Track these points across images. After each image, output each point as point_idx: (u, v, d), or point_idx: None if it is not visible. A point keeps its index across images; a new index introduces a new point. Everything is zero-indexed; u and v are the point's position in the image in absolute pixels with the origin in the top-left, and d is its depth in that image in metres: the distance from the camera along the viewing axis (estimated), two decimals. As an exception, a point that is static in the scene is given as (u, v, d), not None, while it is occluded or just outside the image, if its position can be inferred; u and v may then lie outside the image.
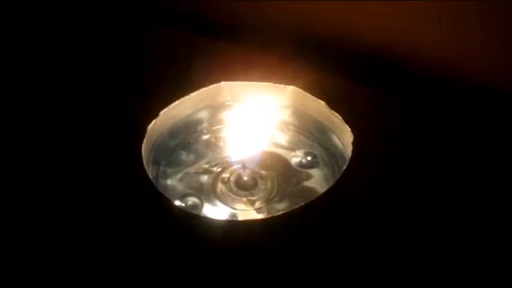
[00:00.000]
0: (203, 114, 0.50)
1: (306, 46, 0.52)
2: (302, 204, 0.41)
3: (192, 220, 0.40)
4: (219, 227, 0.40)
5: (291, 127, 0.50)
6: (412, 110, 0.47)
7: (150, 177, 0.43)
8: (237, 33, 0.55)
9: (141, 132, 0.44)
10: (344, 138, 0.46)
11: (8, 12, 0.58)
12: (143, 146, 0.44)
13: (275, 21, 0.55)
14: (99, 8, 0.59)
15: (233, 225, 0.43)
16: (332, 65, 0.50)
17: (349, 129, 0.45)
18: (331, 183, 0.44)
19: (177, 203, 0.45)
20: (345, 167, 0.43)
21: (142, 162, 0.43)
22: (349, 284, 0.37)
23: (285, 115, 0.50)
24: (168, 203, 0.41)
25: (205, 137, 0.51)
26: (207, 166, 0.49)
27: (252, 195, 0.46)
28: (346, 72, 0.49)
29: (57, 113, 0.47)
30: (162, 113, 0.46)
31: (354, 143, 0.44)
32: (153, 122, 0.45)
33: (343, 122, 0.45)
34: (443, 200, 0.41)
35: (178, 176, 0.48)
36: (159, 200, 0.40)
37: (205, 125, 0.51)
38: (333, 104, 0.46)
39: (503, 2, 0.46)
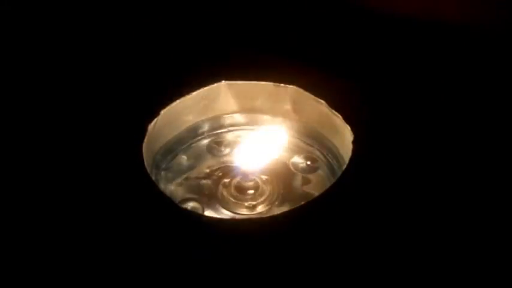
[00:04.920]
0: (204, 118, 0.50)
1: (307, 45, 0.52)
2: (303, 203, 0.40)
3: (193, 219, 0.40)
4: (221, 226, 0.40)
5: (292, 129, 0.50)
6: (412, 109, 0.47)
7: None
8: (237, 33, 0.55)
9: (142, 131, 0.44)
10: (344, 138, 0.45)
11: (10, 12, 0.58)
12: (144, 145, 0.44)
13: (276, 20, 0.56)
14: (98, 8, 0.59)
15: (234, 224, 0.43)
16: (333, 64, 0.50)
17: (350, 128, 0.44)
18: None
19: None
20: (345, 167, 0.42)
21: (143, 161, 0.42)
22: (349, 284, 0.37)
23: (286, 116, 0.50)
24: (170, 203, 0.40)
25: (206, 141, 0.51)
26: (207, 171, 0.49)
27: (253, 199, 0.46)
28: (347, 72, 0.49)
29: (57, 113, 0.47)
30: (162, 112, 0.46)
31: (354, 143, 0.43)
32: (154, 121, 0.45)
33: (344, 121, 0.45)
34: (443, 200, 0.40)
35: (179, 180, 0.48)
36: (161, 200, 0.41)
37: (206, 129, 0.51)
38: (333, 104, 0.46)
39: None
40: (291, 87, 0.48)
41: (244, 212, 0.46)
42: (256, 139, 0.49)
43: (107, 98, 0.48)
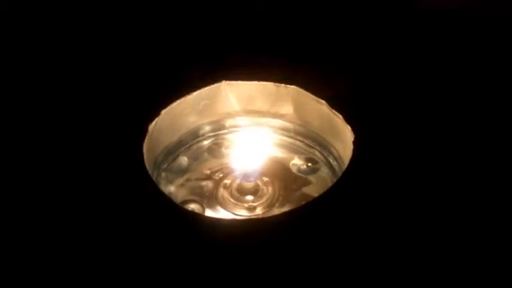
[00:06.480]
0: (204, 119, 0.50)
1: (307, 45, 0.52)
2: (303, 203, 0.40)
3: (193, 220, 0.40)
4: (221, 227, 0.40)
5: (292, 130, 0.50)
6: (413, 110, 0.47)
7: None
8: (238, 33, 0.55)
9: (143, 131, 0.44)
10: (345, 139, 0.45)
11: (9, 13, 0.58)
12: (144, 146, 0.44)
13: (276, 20, 0.55)
14: (98, 9, 0.59)
15: (235, 225, 0.43)
16: (333, 64, 0.50)
17: (350, 129, 0.44)
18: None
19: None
20: (345, 167, 0.42)
21: (144, 162, 0.42)
22: (350, 284, 0.37)
23: (286, 117, 0.50)
24: (170, 204, 0.40)
25: (207, 142, 0.51)
26: (208, 172, 0.49)
27: (253, 201, 0.46)
28: (348, 72, 0.49)
29: (57, 114, 0.47)
30: (163, 112, 0.46)
31: (354, 143, 0.43)
32: (155, 121, 0.45)
33: (344, 122, 0.44)
34: (444, 200, 0.40)
35: (180, 181, 0.48)
36: (161, 201, 0.41)
37: (206, 130, 0.51)
38: (334, 104, 0.45)
39: None
40: (292, 88, 0.48)
41: (244, 214, 0.46)
42: (257, 140, 0.49)
43: (107, 98, 0.48)
